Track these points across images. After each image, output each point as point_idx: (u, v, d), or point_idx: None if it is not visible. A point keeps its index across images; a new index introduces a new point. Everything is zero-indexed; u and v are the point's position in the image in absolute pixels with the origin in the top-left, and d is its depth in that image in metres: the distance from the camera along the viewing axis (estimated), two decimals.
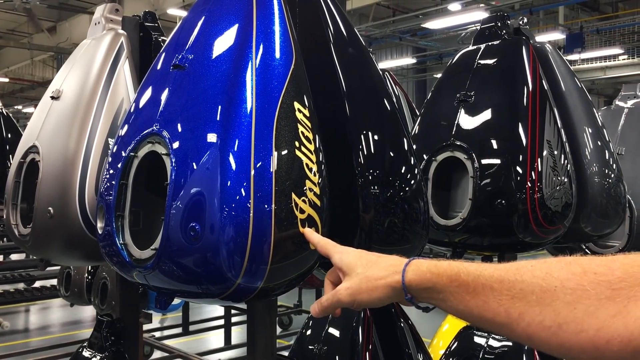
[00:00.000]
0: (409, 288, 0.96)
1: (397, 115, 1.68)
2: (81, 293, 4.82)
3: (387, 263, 1.02)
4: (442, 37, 18.66)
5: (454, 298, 0.91)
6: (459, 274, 0.90)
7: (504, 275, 0.84)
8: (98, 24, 1.94)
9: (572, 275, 0.77)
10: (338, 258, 1.08)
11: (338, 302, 1.05)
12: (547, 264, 0.82)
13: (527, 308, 0.80)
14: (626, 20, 18.02)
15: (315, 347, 2.58)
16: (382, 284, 0.99)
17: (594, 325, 0.73)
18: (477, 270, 0.88)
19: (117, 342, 1.95)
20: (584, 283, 0.75)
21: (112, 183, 1.40)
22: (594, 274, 0.75)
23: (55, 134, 1.77)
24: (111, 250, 1.39)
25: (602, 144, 2.15)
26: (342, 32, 1.64)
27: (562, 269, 0.79)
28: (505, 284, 0.84)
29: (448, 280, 0.91)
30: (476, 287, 0.87)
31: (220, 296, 1.25)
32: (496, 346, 2.23)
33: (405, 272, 0.97)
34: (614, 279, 0.73)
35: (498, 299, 0.84)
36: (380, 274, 1.00)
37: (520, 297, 0.81)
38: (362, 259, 1.05)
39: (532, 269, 0.82)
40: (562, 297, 0.77)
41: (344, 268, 1.06)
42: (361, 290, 1.02)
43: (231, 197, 1.18)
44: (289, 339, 6.53)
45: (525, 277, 0.82)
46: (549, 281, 0.79)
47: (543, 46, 2.18)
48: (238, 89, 1.26)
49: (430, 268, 0.94)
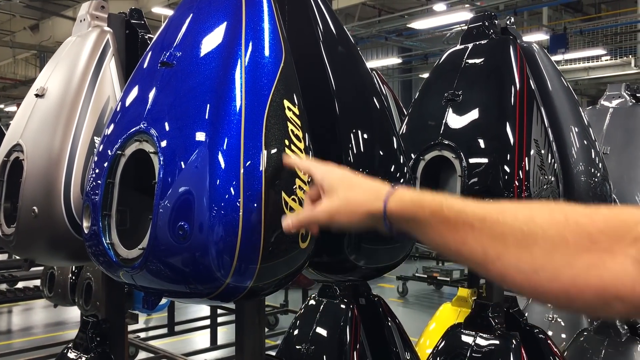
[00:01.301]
0: (389, 217, 0.95)
1: (386, 114, 1.68)
2: (65, 294, 4.77)
3: (370, 188, 1.00)
4: (427, 37, 18.73)
5: (433, 231, 0.90)
6: (441, 207, 0.89)
7: (486, 215, 0.84)
8: (83, 21, 1.91)
9: (554, 222, 0.78)
10: (320, 176, 1.06)
11: (316, 220, 1.04)
12: (531, 208, 0.82)
13: (505, 250, 0.80)
14: (609, 22, 18.21)
15: (303, 347, 2.57)
16: (363, 209, 0.98)
17: (569, 274, 0.74)
18: (461, 207, 0.88)
19: (103, 343, 1.93)
20: (564, 232, 0.76)
21: (98, 182, 1.38)
22: (575, 223, 0.76)
23: (39, 132, 1.74)
24: (97, 250, 1.37)
25: (588, 143, 2.16)
26: (332, 30, 1.63)
27: (545, 215, 0.79)
28: (487, 224, 0.83)
29: (430, 213, 0.90)
30: (457, 223, 0.86)
31: (209, 296, 1.24)
32: (483, 345, 2.24)
33: (387, 200, 0.96)
34: (595, 230, 0.74)
35: (478, 238, 0.84)
36: (361, 198, 0.99)
37: (500, 239, 0.81)
38: (345, 180, 1.03)
39: (515, 212, 0.82)
40: (542, 244, 0.77)
41: (326, 187, 1.04)
42: (340, 212, 1.01)
43: (220, 195, 1.17)
44: (275, 339, 6.51)
45: (508, 220, 0.82)
46: (531, 226, 0.79)
47: (530, 46, 2.19)
48: (227, 87, 1.25)
49: (414, 199, 0.94)
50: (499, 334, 2.25)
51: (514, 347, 2.20)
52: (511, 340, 2.22)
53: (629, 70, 18.05)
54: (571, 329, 3.74)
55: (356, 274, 1.55)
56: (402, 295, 10.23)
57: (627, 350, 2.83)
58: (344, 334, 2.50)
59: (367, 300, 2.66)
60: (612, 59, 18.81)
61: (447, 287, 10.51)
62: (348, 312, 2.55)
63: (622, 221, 0.74)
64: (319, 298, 2.69)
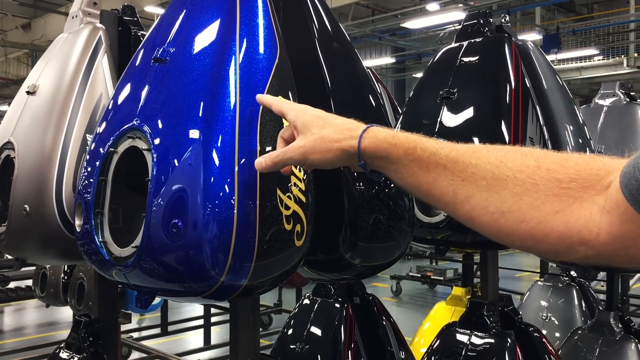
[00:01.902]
0: (363, 154, 0.95)
1: (382, 112, 1.67)
2: (57, 294, 4.74)
3: (344, 126, 0.99)
4: (421, 37, 18.75)
5: (405, 171, 0.91)
6: (415, 148, 0.90)
7: (459, 156, 0.85)
8: (75, 18, 1.89)
9: (525, 167, 0.79)
10: (294, 115, 1.05)
11: (289, 159, 1.03)
12: (504, 152, 0.83)
13: (475, 192, 0.82)
14: (601, 22, 18.29)
15: (297, 347, 2.56)
16: (337, 146, 0.98)
17: (536, 218, 0.76)
18: (434, 148, 0.88)
19: (96, 343, 1.91)
20: (535, 177, 0.77)
21: (90, 180, 1.36)
22: (546, 169, 0.77)
23: (31, 129, 1.72)
24: (90, 249, 1.35)
25: (584, 142, 2.16)
26: (327, 28, 1.62)
27: (516, 159, 0.80)
28: (458, 166, 0.84)
29: (403, 153, 0.91)
30: (430, 163, 0.87)
31: (203, 294, 1.23)
32: (479, 343, 2.23)
33: (362, 138, 0.95)
34: (565, 177, 0.76)
35: (449, 179, 0.85)
36: (335, 136, 0.98)
37: (470, 181, 0.83)
38: (319, 118, 1.02)
39: (487, 155, 0.83)
40: (511, 187, 0.79)
41: (299, 126, 1.03)
42: (314, 150, 1.00)
43: (215, 193, 1.15)
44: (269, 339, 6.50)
45: (480, 162, 0.83)
46: (502, 170, 0.80)
47: (525, 43, 2.19)
48: (221, 83, 1.23)
49: (387, 138, 0.94)
50: (494, 333, 2.24)
51: (509, 345, 2.20)
52: (506, 339, 2.22)
53: (621, 70, 18.13)
54: (565, 327, 3.75)
55: (351, 272, 1.54)
56: (395, 295, 10.24)
57: (621, 348, 2.83)
58: (339, 333, 2.49)
59: (361, 299, 2.65)
60: (604, 59, 18.89)
61: (441, 287, 10.53)
62: (342, 311, 2.54)
63: (593, 169, 0.75)
64: (313, 297, 2.68)
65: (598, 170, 0.75)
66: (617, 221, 0.71)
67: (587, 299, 4.11)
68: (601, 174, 0.74)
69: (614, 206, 0.71)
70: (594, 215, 0.73)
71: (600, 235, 0.73)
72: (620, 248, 0.72)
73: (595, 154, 0.79)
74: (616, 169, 0.73)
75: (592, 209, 0.73)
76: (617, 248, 0.72)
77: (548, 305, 4.06)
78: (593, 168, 0.75)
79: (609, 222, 0.72)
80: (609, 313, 2.97)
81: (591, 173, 0.75)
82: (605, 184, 0.73)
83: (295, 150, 1.02)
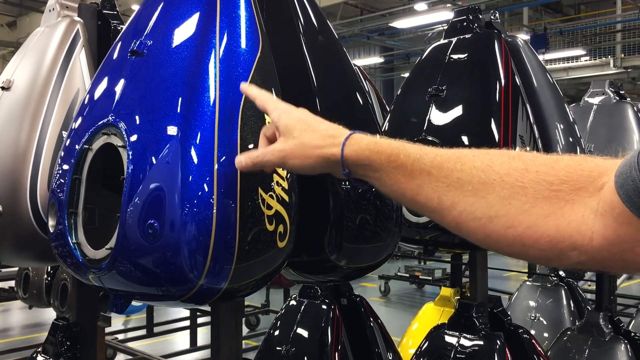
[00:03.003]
0: (346, 162, 0.92)
1: (369, 110, 1.62)
2: (40, 295, 4.66)
3: (326, 132, 0.96)
4: (409, 36, 18.78)
5: (388, 178, 0.88)
6: (398, 154, 0.86)
7: (444, 162, 0.82)
8: (52, 11, 1.83)
9: (513, 170, 0.75)
10: (277, 116, 1.01)
11: (268, 162, 1.00)
12: (490, 155, 0.79)
13: (461, 198, 0.79)
14: (588, 22, 18.42)
15: (284, 348, 2.51)
16: (317, 153, 0.94)
17: (525, 223, 0.73)
18: (418, 154, 0.85)
19: (74, 347, 1.85)
20: (523, 180, 0.74)
21: (64, 178, 1.30)
22: (535, 172, 0.74)
23: (4, 126, 1.65)
24: (64, 251, 1.29)
25: (574, 140, 2.13)
26: (313, 23, 1.57)
27: (503, 163, 0.77)
28: (443, 171, 0.81)
29: (386, 160, 0.87)
30: (413, 170, 0.84)
31: (182, 298, 1.17)
32: (467, 345, 2.20)
33: (344, 145, 0.92)
34: (555, 179, 0.72)
35: (434, 186, 0.82)
36: (317, 142, 0.95)
37: (456, 186, 0.80)
38: (302, 122, 0.98)
39: (473, 159, 0.80)
40: (499, 191, 0.75)
41: (281, 128, 0.99)
42: (294, 155, 0.97)
43: (193, 192, 1.10)
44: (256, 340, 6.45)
45: (465, 167, 0.80)
46: (488, 174, 0.77)
47: (515, 40, 2.15)
48: (200, 77, 1.18)
49: (370, 145, 0.90)
50: (483, 335, 2.21)
51: (498, 347, 2.17)
52: (495, 341, 2.18)
53: (608, 70, 18.25)
54: (554, 328, 3.74)
55: (337, 274, 1.50)
56: (384, 295, 10.22)
57: (610, 349, 2.81)
58: (325, 334, 2.45)
59: (348, 300, 2.61)
60: (591, 59, 19.02)
61: (429, 286, 10.54)
62: (329, 312, 2.50)
63: (585, 171, 0.72)
64: (300, 298, 2.64)
65: (590, 171, 0.71)
66: (612, 224, 0.67)
67: (575, 299, 4.10)
68: (593, 175, 0.70)
69: (608, 208, 0.67)
70: (586, 218, 0.69)
71: (593, 239, 0.69)
72: (615, 253, 0.68)
73: (587, 155, 0.76)
74: (609, 169, 0.69)
75: (584, 211, 0.69)
76: (611, 253, 0.68)
77: (536, 306, 4.04)
78: (585, 169, 0.72)
79: (603, 226, 0.68)
80: (598, 314, 2.95)
81: (583, 174, 0.71)
82: (599, 186, 0.69)
83: (275, 154, 0.99)
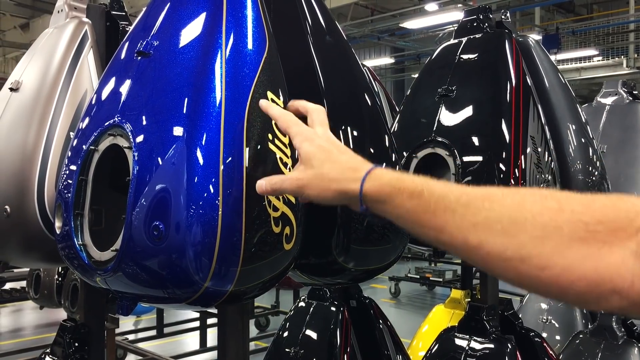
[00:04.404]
0: (365, 199, 0.89)
1: (377, 111, 1.60)
2: (51, 295, 4.68)
3: (347, 164, 0.92)
4: (420, 37, 18.71)
5: (409, 217, 0.84)
6: (422, 191, 0.83)
7: (471, 200, 0.78)
8: (61, 12, 1.83)
9: (546, 210, 0.72)
10: (299, 142, 0.98)
11: (286, 189, 0.97)
12: (521, 194, 0.76)
13: (489, 237, 0.75)
14: (601, 22, 18.25)
15: (292, 350, 2.50)
16: (335, 187, 0.91)
17: (561, 264, 0.70)
18: (443, 192, 0.81)
19: (82, 349, 1.84)
20: (558, 220, 0.71)
21: (71, 179, 1.30)
22: (570, 211, 0.70)
23: (13, 127, 1.66)
24: (70, 252, 1.29)
25: (586, 141, 2.09)
26: (321, 23, 1.55)
27: (536, 202, 0.74)
28: (470, 210, 0.77)
29: (408, 197, 0.84)
30: (437, 208, 0.80)
31: (187, 300, 1.16)
32: (478, 349, 2.17)
33: (364, 180, 0.89)
34: (591, 220, 0.69)
35: (459, 224, 0.78)
36: (336, 175, 0.92)
37: (483, 225, 0.76)
38: (323, 151, 0.95)
39: (502, 198, 0.77)
40: (531, 231, 0.72)
41: (302, 155, 0.96)
42: (311, 186, 0.93)
43: (198, 194, 1.09)
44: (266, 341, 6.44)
45: (495, 206, 0.76)
46: (520, 213, 0.74)
47: (526, 40, 2.12)
48: (206, 78, 1.17)
49: (392, 181, 0.87)
50: (494, 338, 2.18)
51: (509, 351, 2.14)
52: (506, 344, 2.16)
53: (621, 70, 18.08)
54: (566, 331, 3.69)
55: (345, 276, 1.48)
56: (394, 296, 10.18)
57: (623, 353, 2.77)
58: (334, 336, 2.44)
59: (357, 302, 2.59)
60: (604, 59, 18.85)
61: (440, 288, 10.48)
62: (338, 314, 2.48)
63: (621, 211, 0.69)
64: (309, 300, 2.62)
65: (627, 211, 0.68)
66: None
67: None
68: (631, 216, 0.67)
69: None
70: (626, 261, 0.66)
71: (635, 283, 0.66)
72: None
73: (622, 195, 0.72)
74: None
75: (624, 254, 0.66)
76: None
77: (548, 308, 4.00)
78: (621, 209, 0.69)
79: None
80: (610, 317, 2.91)
81: (619, 215, 0.68)
82: (637, 226, 0.66)
83: (293, 182, 0.96)
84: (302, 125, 1.01)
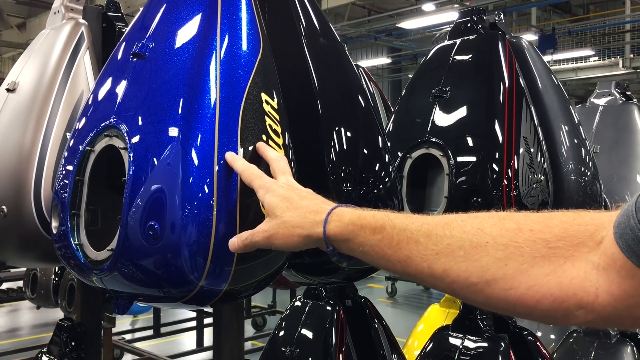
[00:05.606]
0: (329, 240, 0.91)
1: (371, 111, 1.62)
2: (48, 295, 4.69)
3: (308, 209, 0.94)
4: (417, 37, 18.75)
5: (374, 252, 0.86)
6: (383, 226, 0.84)
7: (432, 229, 0.80)
8: (57, 13, 1.84)
9: (505, 231, 0.73)
10: (262, 195, 1.02)
11: (256, 243, 1.00)
12: (479, 219, 0.78)
13: (453, 264, 0.76)
14: (597, 22, 18.32)
15: (288, 349, 2.51)
16: (298, 232, 0.94)
17: (525, 283, 0.70)
18: (404, 224, 0.83)
19: (78, 348, 1.86)
20: (518, 240, 0.72)
21: (67, 180, 1.31)
22: (529, 230, 0.72)
23: (9, 128, 1.67)
24: (67, 252, 1.30)
25: (579, 142, 2.11)
26: (315, 25, 1.57)
27: (495, 224, 0.75)
28: (432, 239, 0.79)
29: (371, 233, 0.85)
30: (400, 241, 0.82)
31: (183, 299, 1.18)
32: (472, 347, 2.19)
33: (326, 222, 0.91)
34: (551, 237, 0.70)
35: (422, 254, 0.79)
36: (299, 221, 0.94)
37: (446, 253, 0.77)
38: (284, 199, 0.97)
39: (462, 224, 0.78)
40: (493, 253, 0.73)
41: (266, 207, 1.00)
42: (277, 235, 0.96)
43: (193, 194, 1.11)
44: (263, 340, 6.44)
45: (455, 232, 0.77)
46: (480, 237, 0.75)
47: (519, 41, 2.14)
48: (201, 79, 1.18)
49: (353, 219, 0.89)
50: (488, 337, 2.20)
51: (502, 349, 2.15)
52: (500, 343, 2.17)
53: (617, 71, 18.15)
54: (560, 329, 3.71)
55: (339, 275, 1.49)
56: (391, 296, 10.20)
57: (617, 352, 2.79)
58: (330, 336, 2.45)
59: (353, 301, 2.61)
60: (600, 59, 18.91)
61: None
62: (334, 314, 2.49)
63: (580, 226, 0.69)
64: (305, 299, 2.64)
65: (586, 225, 0.69)
66: (616, 278, 0.65)
67: None
68: (590, 230, 0.68)
69: (610, 262, 0.65)
70: (589, 274, 0.67)
71: (599, 296, 0.66)
72: (622, 309, 0.65)
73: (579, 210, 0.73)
74: (606, 222, 0.67)
75: (586, 267, 0.67)
76: (619, 309, 0.65)
77: None
78: (581, 224, 0.69)
79: (607, 281, 0.65)
80: None
81: (579, 229, 0.69)
82: (597, 240, 0.67)
83: (260, 234, 0.99)
84: (265, 178, 1.04)
